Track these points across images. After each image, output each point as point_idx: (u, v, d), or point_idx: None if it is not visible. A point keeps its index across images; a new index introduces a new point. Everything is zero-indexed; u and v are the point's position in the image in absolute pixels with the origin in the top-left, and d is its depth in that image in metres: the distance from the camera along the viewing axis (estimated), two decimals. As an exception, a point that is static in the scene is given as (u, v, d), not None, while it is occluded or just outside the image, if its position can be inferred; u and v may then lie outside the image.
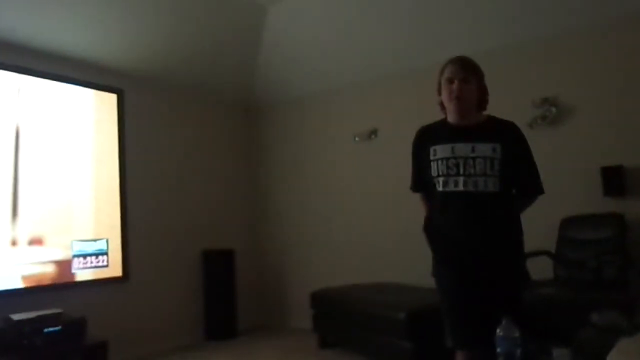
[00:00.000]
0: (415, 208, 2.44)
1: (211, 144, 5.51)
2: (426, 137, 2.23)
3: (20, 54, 3.88)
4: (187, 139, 5.22)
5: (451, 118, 2.19)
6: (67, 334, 3.51)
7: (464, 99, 2.10)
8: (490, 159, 2.03)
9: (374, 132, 5.01)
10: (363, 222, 5.03)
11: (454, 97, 2.11)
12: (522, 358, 1.82)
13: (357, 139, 5.12)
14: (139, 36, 4.33)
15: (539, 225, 2.80)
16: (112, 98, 4.49)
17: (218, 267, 5.12)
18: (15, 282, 3.69)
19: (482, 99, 2.17)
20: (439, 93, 2.21)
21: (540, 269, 3.36)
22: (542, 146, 2.64)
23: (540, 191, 2.17)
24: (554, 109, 3.94)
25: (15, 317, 3.37)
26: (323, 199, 5.37)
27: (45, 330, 3.40)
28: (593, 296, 2.93)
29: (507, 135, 2.11)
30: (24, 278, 3.75)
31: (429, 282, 2.33)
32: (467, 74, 2.11)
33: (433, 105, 2.29)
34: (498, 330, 1.83)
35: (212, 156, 5.49)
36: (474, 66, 2.15)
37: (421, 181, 2.26)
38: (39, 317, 3.43)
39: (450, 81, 2.12)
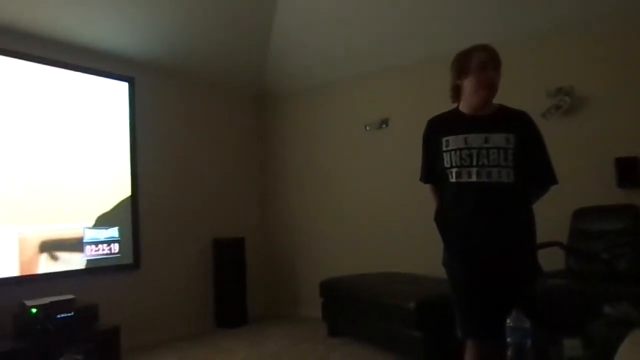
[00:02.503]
0: (426, 198, 2.42)
1: (222, 132, 5.52)
2: (437, 128, 2.20)
3: (28, 41, 3.89)
4: (198, 127, 5.23)
5: (466, 107, 2.15)
6: (79, 320, 3.57)
7: (494, 89, 2.08)
8: (504, 150, 2.00)
9: (385, 122, 4.99)
10: (374, 212, 5.03)
11: (487, 85, 2.06)
12: (532, 349, 1.82)
13: (368, 128, 5.10)
14: (149, 24, 4.32)
15: (551, 216, 2.77)
16: (123, 86, 4.51)
17: (228, 255, 5.15)
18: (28, 269, 3.73)
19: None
20: (456, 79, 2.15)
21: (551, 260, 3.33)
22: (555, 136, 2.61)
23: (554, 181, 2.14)
24: (568, 99, 3.89)
25: (29, 302, 3.42)
26: (334, 188, 5.37)
27: (58, 315, 3.45)
28: (605, 288, 2.91)
29: (520, 125, 2.08)
30: (37, 262, 3.80)
31: (439, 272, 2.32)
32: (497, 62, 2.08)
33: (445, 95, 2.26)
34: (508, 321, 1.82)
35: (223, 144, 5.50)
36: (497, 55, 2.11)
37: (432, 172, 2.24)
38: (51, 303, 3.49)
39: (484, 67, 2.06)
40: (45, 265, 3.83)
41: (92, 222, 4.17)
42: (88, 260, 4.11)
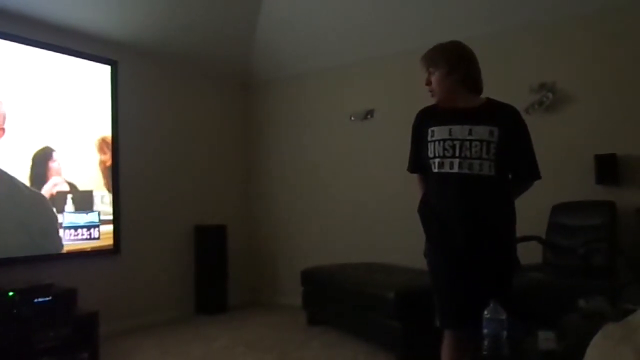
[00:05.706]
0: (408, 189, 2.44)
1: (206, 118, 5.47)
2: (426, 119, 2.23)
3: (11, 21, 3.80)
4: (182, 113, 5.18)
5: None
6: (57, 305, 3.51)
7: (434, 92, 2.19)
8: (487, 142, 2.02)
9: (370, 113, 4.99)
10: (356, 202, 5.04)
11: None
12: (507, 339, 1.85)
13: (353, 118, 5.10)
14: (134, 6, 4.25)
15: (530, 210, 2.81)
16: (105, 69, 4.43)
17: (210, 243, 5.14)
18: (5, 252, 3.68)
19: (468, 81, 2.14)
20: None
21: (529, 254, 3.38)
22: (537, 132, 2.63)
23: (537, 177, 2.17)
24: (551, 95, 3.93)
25: (5, 286, 3.36)
26: (317, 177, 5.37)
27: (36, 300, 3.40)
28: (580, 282, 2.97)
29: (506, 119, 2.09)
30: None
31: (420, 263, 2.34)
32: (428, 67, 2.17)
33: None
34: (485, 312, 1.85)
35: (206, 130, 5.45)
36: (433, 57, 2.17)
37: (418, 162, 2.26)
38: (29, 287, 3.43)
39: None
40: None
41: (72, 207, 4.13)
42: (67, 245, 4.06)
